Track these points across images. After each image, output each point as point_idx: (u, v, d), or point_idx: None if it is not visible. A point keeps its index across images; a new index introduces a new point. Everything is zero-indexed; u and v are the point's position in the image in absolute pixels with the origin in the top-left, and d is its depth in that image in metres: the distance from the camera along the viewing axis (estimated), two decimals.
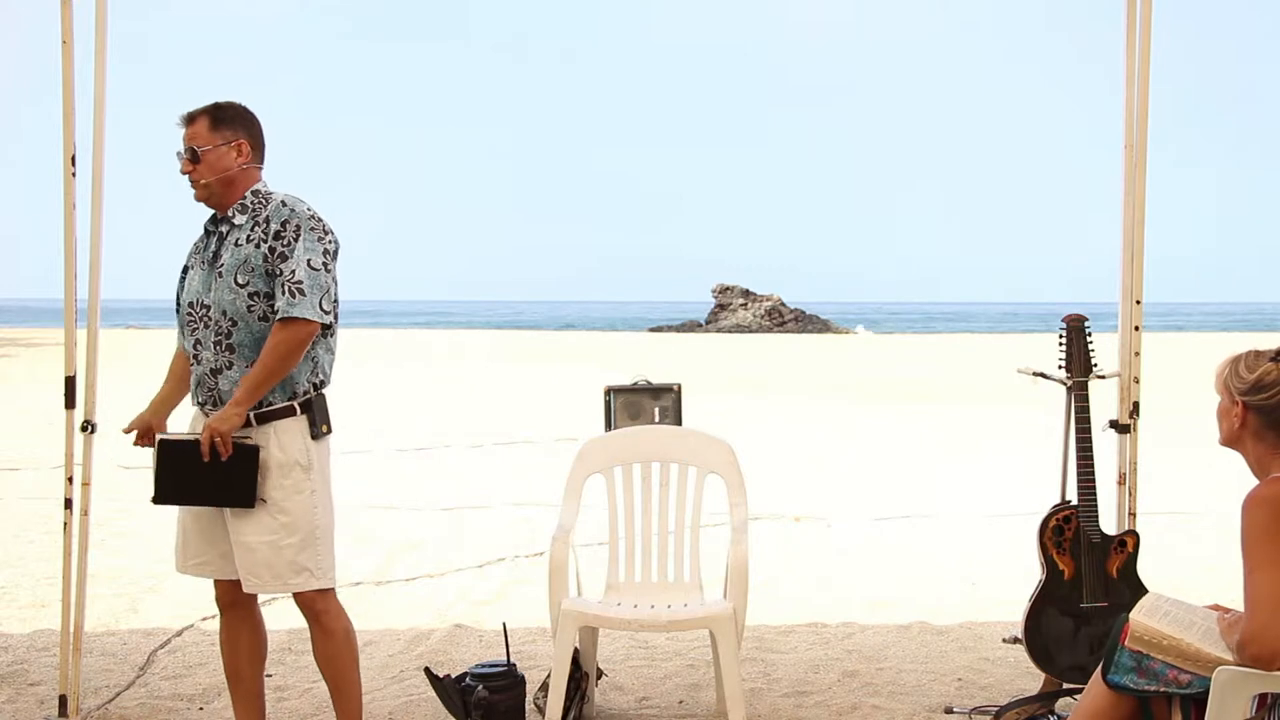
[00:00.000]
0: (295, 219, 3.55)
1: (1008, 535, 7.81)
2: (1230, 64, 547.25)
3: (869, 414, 16.44)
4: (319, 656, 3.71)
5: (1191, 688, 2.81)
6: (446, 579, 6.69)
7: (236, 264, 3.54)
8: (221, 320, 3.55)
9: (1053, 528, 4.24)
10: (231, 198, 3.62)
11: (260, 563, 3.55)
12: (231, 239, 3.58)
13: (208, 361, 3.58)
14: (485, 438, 13.28)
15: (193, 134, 3.59)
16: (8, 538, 7.65)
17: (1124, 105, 4.39)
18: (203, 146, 3.57)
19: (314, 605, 3.64)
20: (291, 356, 3.49)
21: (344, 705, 3.71)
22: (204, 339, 3.59)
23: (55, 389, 4.27)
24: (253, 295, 3.53)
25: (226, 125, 3.61)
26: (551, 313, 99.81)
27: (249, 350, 3.54)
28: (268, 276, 3.52)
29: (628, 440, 4.56)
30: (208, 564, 3.69)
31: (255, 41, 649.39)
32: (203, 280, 3.61)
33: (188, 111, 3.63)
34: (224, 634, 3.79)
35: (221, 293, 3.54)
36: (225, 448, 3.46)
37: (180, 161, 3.60)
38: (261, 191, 3.64)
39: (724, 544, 4.31)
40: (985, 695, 4.54)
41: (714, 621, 4.00)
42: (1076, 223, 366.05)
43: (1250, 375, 2.89)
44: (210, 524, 3.65)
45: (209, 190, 3.60)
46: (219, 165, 3.58)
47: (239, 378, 3.53)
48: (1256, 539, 2.72)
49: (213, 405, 3.60)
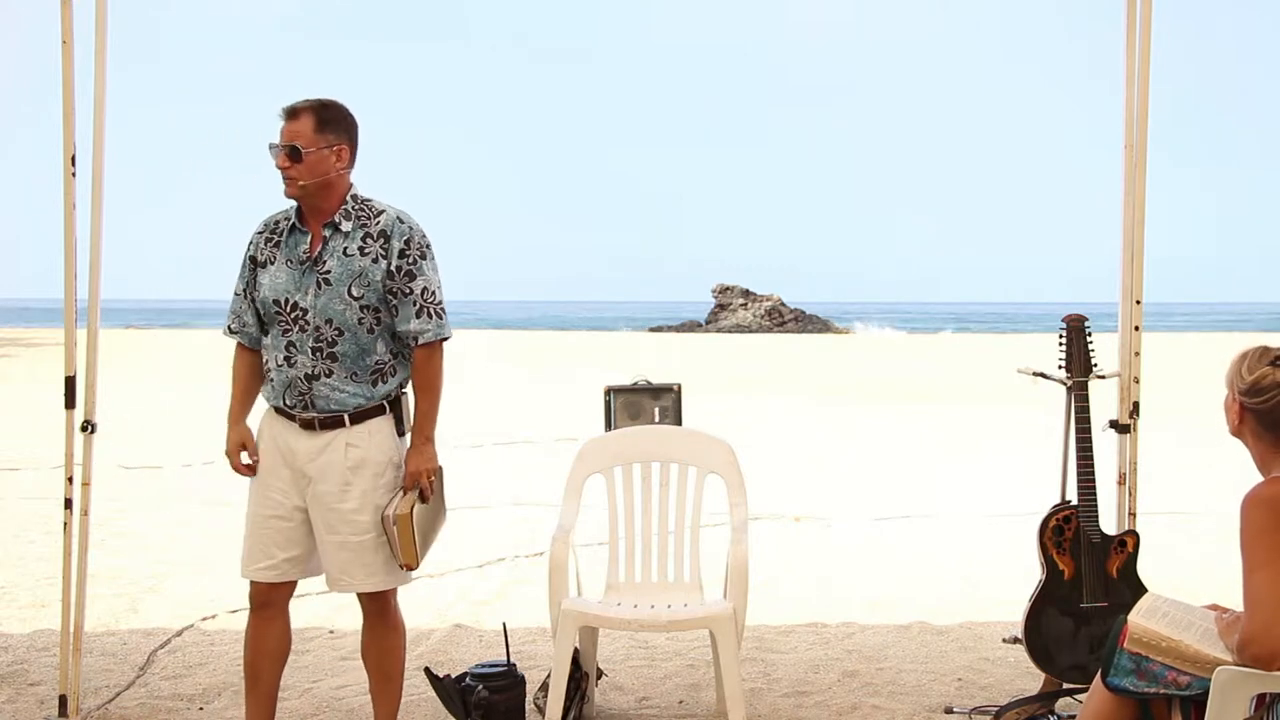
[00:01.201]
0: (417, 237, 3.60)
1: (1008, 535, 7.81)
2: (1230, 64, 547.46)
3: (869, 414, 16.44)
4: (376, 650, 3.76)
5: (1191, 689, 2.80)
6: (446, 579, 6.69)
7: (350, 275, 3.54)
8: (325, 328, 3.54)
9: (1053, 528, 4.24)
10: (329, 201, 3.58)
11: (355, 561, 3.59)
12: (338, 246, 3.56)
13: (303, 366, 3.56)
14: (485, 438, 13.27)
15: (295, 131, 3.53)
16: (8, 538, 7.65)
17: (1124, 105, 4.39)
18: (306, 147, 3.52)
19: (386, 601, 3.72)
20: (440, 380, 3.64)
21: (390, 696, 3.78)
22: (299, 343, 3.56)
23: (55, 389, 4.27)
24: (364, 308, 3.55)
25: (331, 128, 3.57)
26: (552, 312, 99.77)
27: (350, 361, 3.56)
28: (385, 293, 3.55)
29: (628, 440, 4.56)
30: (274, 568, 3.67)
31: (255, 42, 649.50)
32: (295, 281, 3.57)
33: (292, 105, 3.58)
34: (251, 632, 3.76)
35: (329, 301, 3.53)
36: (434, 486, 3.63)
37: (276, 155, 3.55)
38: (363, 199, 3.62)
39: (724, 544, 4.31)
40: (985, 695, 4.54)
41: (714, 621, 4.00)
42: (1076, 223, 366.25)
43: (1249, 376, 2.88)
44: (288, 529, 3.64)
45: (304, 190, 3.56)
46: (319, 168, 3.54)
47: (337, 386, 3.55)
48: (1255, 539, 2.72)
49: (303, 409, 3.58)
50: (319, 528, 3.62)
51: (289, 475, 3.62)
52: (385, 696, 3.79)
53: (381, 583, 3.66)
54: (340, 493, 3.58)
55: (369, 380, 3.59)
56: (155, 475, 10.49)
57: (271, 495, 3.64)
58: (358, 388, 3.57)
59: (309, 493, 3.61)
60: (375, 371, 3.60)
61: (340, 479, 3.57)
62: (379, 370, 3.61)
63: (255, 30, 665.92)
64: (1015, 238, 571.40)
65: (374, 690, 3.81)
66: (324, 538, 3.61)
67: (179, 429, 13.77)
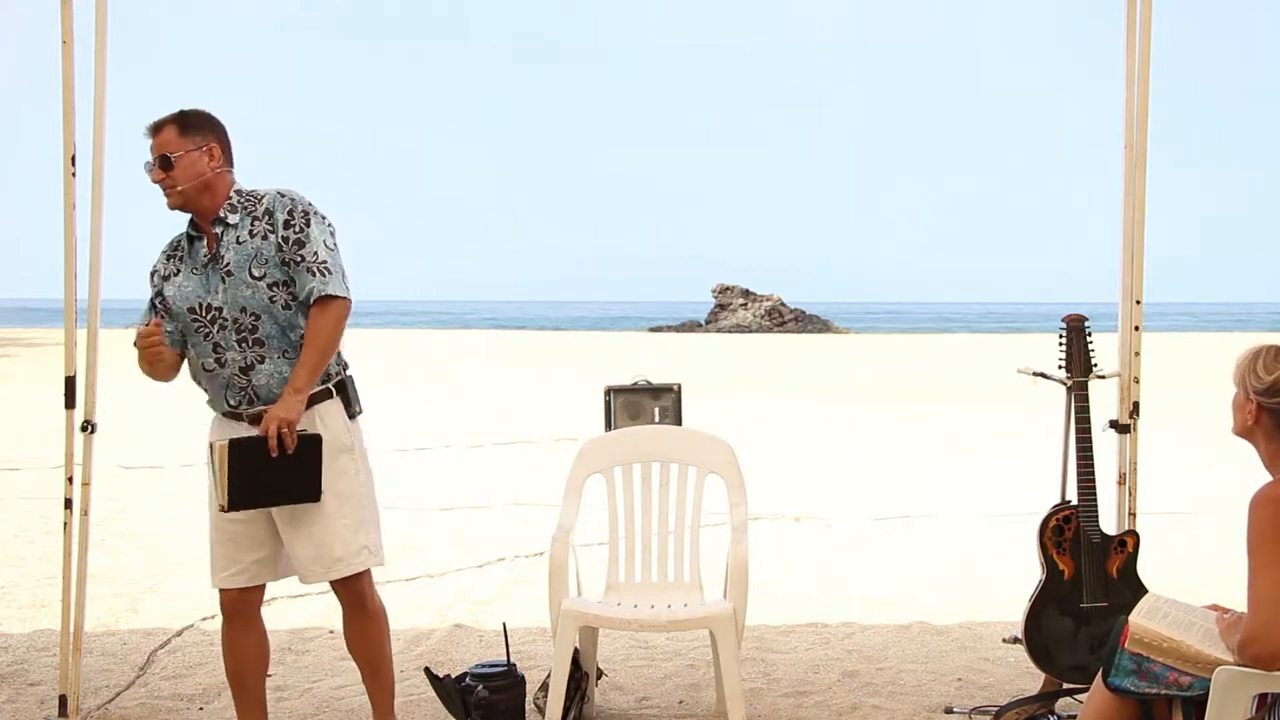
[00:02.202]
0: (299, 205, 3.60)
1: (1008, 535, 7.81)
2: (1230, 64, 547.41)
3: (869, 414, 16.43)
4: (359, 639, 3.75)
5: (1192, 690, 2.80)
6: (446, 579, 6.69)
7: (247, 259, 3.55)
8: (242, 317, 3.55)
9: (1053, 528, 4.24)
10: (212, 202, 3.61)
11: (320, 552, 3.58)
12: (230, 238, 3.58)
13: (234, 362, 3.57)
14: (485, 438, 13.28)
15: (162, 142, 3.58)
16: (8, 538, 7.65)
17: (1124, 105, 4.39)
18: (174, 153, 3.56)
19: (361, 588, 3.70)
20: (337, 333, 3.56)
21: (381, 685, 3.78)
22: (224, 340, 3.57)
23: (55, 389, 4.27)
24: (272, 285, 3.55)
25: (195, 130, 3.61)
26: (551, 312, 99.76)
27: (277, 341, 3.56)
28: (283, 265, 3.55)
29: (628, 440, 4.56)
30: (243, 572, 3.67)
31: (256, 42, 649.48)
32: (202, 284, 3.60)
33: (153, 122, 3.62)
34: (228, 641, 3.77)
35: (235, 290, 3.54)
36: (291, 437, 3.45)
37: (150, 171, 3.59)
38: (246, 191, 3.66)
39: (724, 544, 4.31)
40: (985, 695, 4.54)
41: (714, 621, 4.00)
42: (1077, 223, 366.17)
43: (1268, 376, 2.87)
44: (250, 530, 3.63)
45: (184, 197, 3.59)
46: (193, 170, 3.58)
47: (274, 370, 3.55)
48: (1262, 539, 2.72)
49: (248, 404, 3.58)
50: (282, 522, 3.61)
51: None
52: (377, 687, 3.78)
53: (351, 567, 3.63)
54: None
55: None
56: (155, 475, 10.50)
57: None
58: (294, 367, 3.55)
59: None
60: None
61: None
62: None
63: (255, 30, 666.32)
64: (1015, 238, 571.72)
65: (366, 683, 3.82)
66: (288, 532, 3.61)
67: (179, 429, 13.75)
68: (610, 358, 28.66)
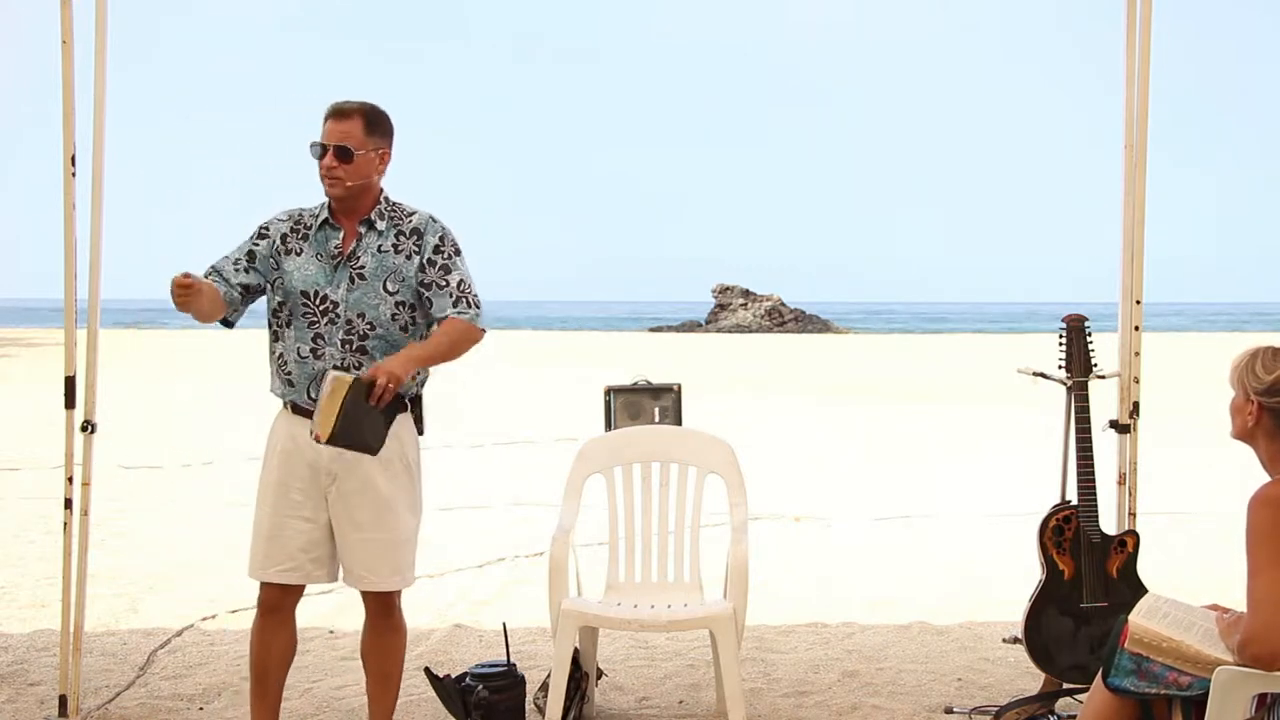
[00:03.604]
0: (449, 235, 3.66)
1: (1008, 535, 7.81)
2: (1230, 64, 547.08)
3: (869, 414, 16.44)
4: (379, 650, 3.75)
5: (1192, 690, 2.80)
6: (446, 579, 6.69)
7: (385, 272, 3.57)
8: (357, 322, 3.56)
9: (1053, 528, 4.24)
10: (364, 202, 3.62)
11: (380, 558, 3.60)
12: (372, 243, 3.59)
13: (331, 358, 3.56)
14: (485, 438, 13.28)
15: (347, 131, 3.54)
16: (8, 538, 7.65)
17: (1124, 105, 4.39)
18: (357, 149, 3.55)
19: (394, 602, 3.71)
20: (458, 351, 3.59)
21: (388, 697, 3.79)
22: (328, 335, 3.57)
23: (55, 389, 4.27)
24: (399, 304, 3.58)
25: (378, 131, 3.61)
26: (551, 312, 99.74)
27: (379, 356, 3.55)
28: (418, 286, 3.58)
29: (628, 440, 4.56)
30: (296, 569, 3.64)
31: (256, 42, 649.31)
32: (326, 275, 3.58)
33: (340, 105, 3.58)
34: (260, 635, 3.73)
35: (363, 295, 3.56)
36: (389, 396, 3.37)
37: (319, 155, 3.55)
38: (394, 201, 3.68)
39: (724, 544, 4.31)
40: (985, 695, 4.54)
41: (714, 621, 4.00)
42: (1076, 223, 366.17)
43: (1267, 376, 2.87)
44: (310, 529, 3.61)
45: (348, 191, 3.57)
46: (365, 169, 3.58)
47: None
48: (1261, 539, 2.72)
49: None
50: (342, 525, 3.60)
51: (309, 475, 3.59)
52: (383, 697, 3.78)
53: (401, 581, 3.67)
54: (363, 489, 3.57)
55: None
56: (155, 475, 10.49)
57: (291, 496, 3.60)
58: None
59: (331, 491, 3.59)
60: None
61: (363, 476, 3.56)
62: None
63: (255, 30, 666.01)
64: (1015, 238, 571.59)
65: (371, 690, 3.80)
66: (348, 535, 3.60)
67: (179, 429, 13.78)
68: (610, 358, 28.65)
